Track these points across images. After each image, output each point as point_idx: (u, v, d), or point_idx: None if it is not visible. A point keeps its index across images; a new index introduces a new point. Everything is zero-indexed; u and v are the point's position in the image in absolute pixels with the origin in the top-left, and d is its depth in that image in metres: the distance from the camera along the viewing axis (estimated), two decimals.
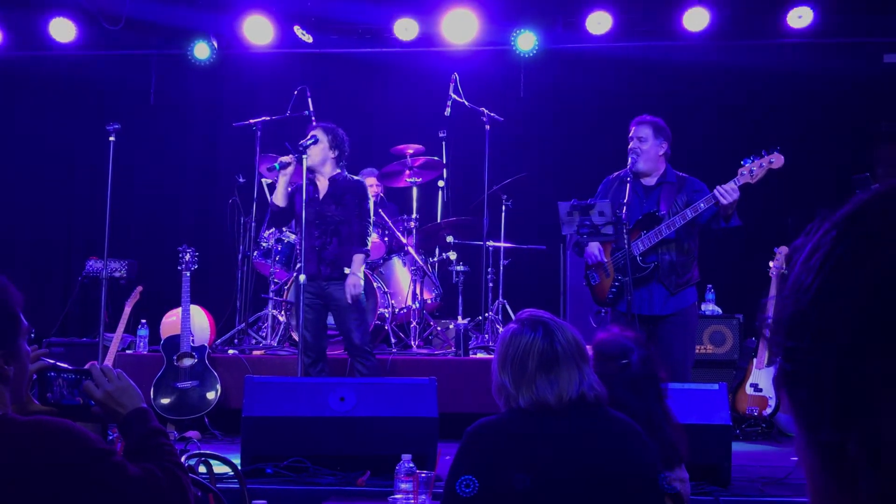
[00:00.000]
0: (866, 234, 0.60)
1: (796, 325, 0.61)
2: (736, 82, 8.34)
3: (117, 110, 8.23)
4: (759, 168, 4.88)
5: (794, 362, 0.62)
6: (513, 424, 2.29)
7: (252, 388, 4.53)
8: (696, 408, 4.33)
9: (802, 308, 0.61)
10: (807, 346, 0.60)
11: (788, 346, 0.62)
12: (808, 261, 0.62)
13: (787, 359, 0.62)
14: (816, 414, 0.60)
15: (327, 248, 5.77)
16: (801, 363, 0.61)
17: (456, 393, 5.71)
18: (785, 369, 0.63)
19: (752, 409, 6.29)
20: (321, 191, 5.86)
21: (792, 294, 0.62)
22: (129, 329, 6.72)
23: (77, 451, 1.80)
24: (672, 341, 5.08)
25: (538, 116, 8.53)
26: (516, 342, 2.31)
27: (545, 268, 7.84)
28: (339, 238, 5.80)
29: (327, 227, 5.80)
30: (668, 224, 4.98)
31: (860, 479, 0.57)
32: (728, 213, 4.88)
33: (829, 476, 0.61)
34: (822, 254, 0.61)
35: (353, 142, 8.73)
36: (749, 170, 4.88)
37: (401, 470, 3.27)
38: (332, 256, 5.76)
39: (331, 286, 5.75)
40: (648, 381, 2.74)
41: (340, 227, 5.81)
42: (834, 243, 0.61)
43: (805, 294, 0.61)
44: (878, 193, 0.62)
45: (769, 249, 6.52)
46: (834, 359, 0.58)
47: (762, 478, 4.50)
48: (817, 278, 0.61)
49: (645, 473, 2.27)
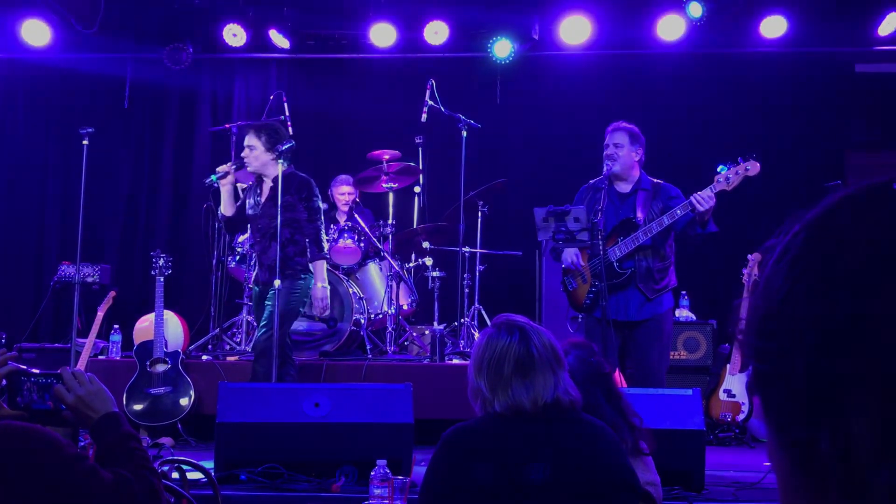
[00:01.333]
0: (835, 236, 0.61)
1: (767, 326, 0.62)
2: (711, 91, 8.42)
3: (91, 114, 8.17)
4: (734, 175, 4.93)
5: (765, 363, 0.62)
6: (488, 428, 2.29)
7: (226, 393, 4.51)
8: (669, 413, 4.36)
9: (772, 309, 0.62)
10: (777, 346, 0.61)
11: (759, 346, 0.63)
12: (778, 262, 0.63)
13: (759, 359, 0.63)
14: (787, 413, 0.61)
15: (267, 253, 5.64)
16: (771, 363, 0.62)
17: (431, 399, 5.70)
18: (756, 369, 0.64)
19: (725, 414, 6.33)
20: (264, 194, 5.78)
21: (763, 295, 0.63)
22: (102, 335, 6.66)
23: (47, 456, 1.78)
24: (647, 347, 5.12)
25: (515, 123, 8.56)
26: (492, 346, 2.31)
27: (521, 273, 7.86)
28: (278, 242, 5.69)
29: (267, 232, 5.67)
30: (645, 230, 5.03)
31: (831, 478, 0.58)
32: (704, 219, 4.93)
33: (801, 476, 0.61)
34: (791, 256, 0.62)
35: (328, 147, 8.77)
36: (725, 177, 4.93)
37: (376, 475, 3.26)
38: (270, 261, 5.60)
39: (269, 290, 5.56)
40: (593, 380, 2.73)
41: (281, 230, 5.65)
42: (803, 245, 0.62)
43: (775, 295, 0.62)
44: (846, 196, 0.63)
45: (742, 256, 6.58)
46: (803, 359, 0.59)
47: (735, 483, 4.53)
48: (787, 279, 0.62)
49: (619, 477, 2.28)
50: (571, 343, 2.81)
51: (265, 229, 5.67)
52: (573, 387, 2.34)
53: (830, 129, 8.27)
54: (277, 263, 5.44)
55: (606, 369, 2.81)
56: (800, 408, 0.59)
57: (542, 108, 8.59)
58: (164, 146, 8.83)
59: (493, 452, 2.24)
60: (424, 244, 7.17)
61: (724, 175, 4.94)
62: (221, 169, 5.69)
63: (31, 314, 8.07)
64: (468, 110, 7.03)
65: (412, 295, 7.13)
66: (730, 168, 4.96)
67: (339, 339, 6.63)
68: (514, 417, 2.26)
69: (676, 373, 6.74)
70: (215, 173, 5.68)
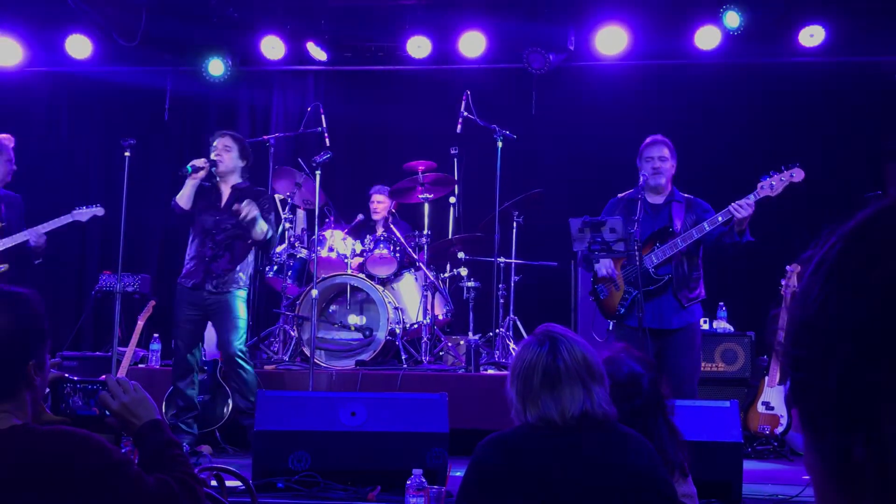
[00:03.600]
0: (870, 247, 0.62)
1: (803, 335, 0.64)
2: (748, 101, 8.36)
3: (132, 126, 8.30)
4: (779, 182, 4.94)
5: (802, 371, 0.64)
6: (524, 439, 2.29)
7: (263, 402, 4.55)
8: (707, 425, 4.33)
9: (809, 318, 0.63)
10: (813, 354, 0.62)
11: (796, 354, 0.64)
12: (815, 273, 0.65)
13: (795, 367, 0.64)
14: (823, 421, 0.62)
15: (217, 262, 5.74)
16: (807, 371, 0.63)
17: (466, 409, 5.71)
18: (793, 378, 0.65)
19: (763, 427, 6.27)
20: (223, 200, 5.86)
21: (799, 305, 0.65)
22: (142, 343, 6.76)
23: (97, 461, 1.83)
24: (680, 357, 5.11)
25: (550, 134, 8.56)
26: (523, 356, 2.31)
27: (556, 284, 7.84)
28: (232, 254, 5.76)
29: (222, 240, 5.77)
30: (685, 237, 5.05)
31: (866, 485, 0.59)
32: (742, 227, 4.92)
33: (836, 482, 0.62)
34: (827, 266, 0.64)
35: (365, 158, 8.83)
36: (769, 184, 4.94)
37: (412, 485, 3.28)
38: (220, 271, 5.72)
39: (213, 298, 5.72)
40: (654, 404, 2.73)
41: (234, 242, 5.76)
42: (839, 256, 0.63)
43: (812, 304, 0.63)
44: (883, 207, 0.64)
45: (781, 268, 6.51)
46: (838, 367, 0.60)
47: (773, 496, 4.49)
48: (823, 289, 0.63)
49: (657, 489, 2.28)
50: (644, 363, 2.77)
51: (220, 236, 5.77)
52: (607, 401, 2.31)
53: (869, 139, 8.17)
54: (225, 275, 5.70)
55: (667, 391, 2.80)
56: (835, 415, 0.61)
57: (578, 119, 8.58)
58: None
59: (527, 463, 2.24)
60: (459, 254, 7.19)
61: (767, 182, 4.96)
62: (198, 163, 5.80)
63: (73, 323, 8.20)
64: (503, 121, 7.05)
65: (447, 305, 7.15)
66: (773, 175, 4.97)
67: (375, 348, 6.67)
68: (548, 428, 2.26)
69: (714, 385, 6.68)
70: (191, 166, 5.76)
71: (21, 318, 1.90)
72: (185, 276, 5.81)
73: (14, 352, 1.88)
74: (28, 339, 1.91)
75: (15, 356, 1.88)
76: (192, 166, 5.74)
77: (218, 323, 5.78)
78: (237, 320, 5.71)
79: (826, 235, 0.66)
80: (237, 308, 5.74)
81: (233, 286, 5.73)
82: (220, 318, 5.72)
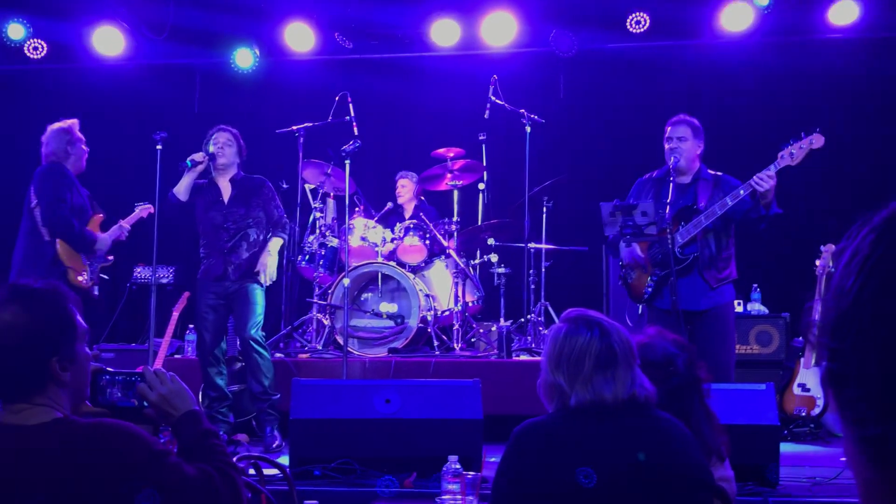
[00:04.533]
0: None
1: (839, 327, 0.63)
2: (778, 81, 8.25)
3: (162, 119, 8.36)
4: (798, 150, 4.84)
5: (838, 362, 0.63)
6: (563, 424, 2.29)
7: (298, 390, 4.59)
8: (743, 408, 4.31)
9: (844, 310, 0.63)
10: (849, 346, 0.62)
11: (833, 346, 0.64)
12: (849, 264, 0.64)
13: (832, 359, 0.64)
14: (861, 410, 0.62)
15: (236, 251, 5.86)
16: (844, 362, 0.63)
17: (499, 395, 5.72)
18: (830, 369, 0.65)
19: (799, 409, 6.22)
20: (225, 193, 5.96)
21: (834, 297, 0.64)
22: (177, 334, 6.83)
23: (138, 452, 1.86)
24: (714, 340, 5.05)
25: (578, 117, 8.52)
26: (571, 342, 2.31)
27: (587, 269, 7.81)
28: (248, 242, 5.89)
29: (237, 231, 5.88)
30: (708, 214, 4.97)
31: None
32: (767, 200, 4.84)
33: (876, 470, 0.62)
34: (861, 257, 0.63)
35: (393, 146, 8.84)
36: (789, 152, 4.85)
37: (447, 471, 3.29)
38: (239, 260, 5.84)
39: (235, 287, 5.83)
40: (691, 385, 2.72)
41: (249, 231, 5.90)
42: (873, 246, 0.63)
43: (846, 296, 0.63)
44: None
45: (815, 248, 6.45)
46: (876, 357, 0.60)
47: (811, 478, 4.45)
48: (857, 281, 0.63)
49: (694, 473, 2.27)
50: (678, 345, 2.77)
51: (234, 228, 5.88)
52: (647, 381, 2.33)
53: None
54: (245, 262, 5.81)
55: (704, 374, 2.79)
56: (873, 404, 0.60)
57: (606, 102, 8.53)
58: None
59: (569, 447, 2.24)
60: (489, 241, 7.19)
61: (787, 150, 4.86)
62: (197, 157, 5.90)
63: (109, 315, 8.30)
64: (531, 106, 7.03)
65: (478, 292, 7.15)
66: (793, 143, 4.87)
67: (407, 335, 6.70)
68: (591, 413, 2.26)
69: (749, 367, 6.64)
70: (190, 160, 5.85)
71: (39, 315, 1.90)
72: (205, 272, 5.90)
73: (33, 349, 1.90)
74: (48, 336, 1.92)
75: (35, 353, 1.90)
76: (192, 160, 5.86)
77: (237, 310, 5.86)
78: (255, 306, 5.81)
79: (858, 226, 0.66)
80: (256, 295, 5.84)
81: (253, 275, 5.82)
82: (238, 304, 5.83)
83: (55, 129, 5.81)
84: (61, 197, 5.57)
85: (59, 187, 5.59)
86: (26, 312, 1.89)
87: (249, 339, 5.76)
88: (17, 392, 1.90)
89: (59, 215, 5.56)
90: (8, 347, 1.88)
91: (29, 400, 1.89)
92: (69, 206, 5.62)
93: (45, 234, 5.60)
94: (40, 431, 1.86)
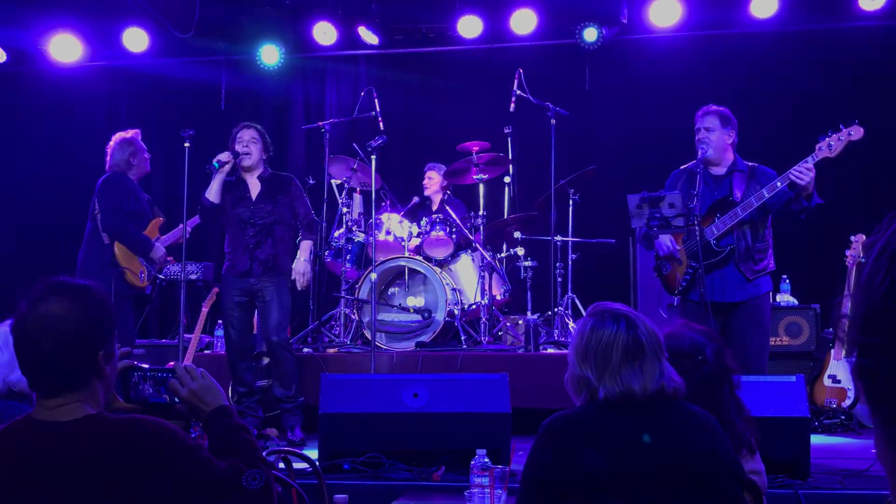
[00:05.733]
0: None
1: (870, 322, 0.63)
2: (807, 69, 8.16)
3: (189, 116, 8.42)
4: (837, 142, 4.78)
5: (869, 357, 0.63)
6: (592, 416, 2.29)
7: (327, 385, 4.61)
8: (773, 400, 4.27)
9: (874, 305, 0.62)
10: (880, 340, 0.62)
11: (863, 341, 0.63)
12: (879, 259, 0.64)
13: (863, 354, 0.64)
14: (893, 405, 0.61)
15: (261, 247, 5.86)
16: (875, 357, 0.62)
17: (526, 388, 5.71)
18: (861, 364, 0.64)
19: (830, 400, 6.17)
20: (253, 190, 5.95)
21: (864, 292, 0.64)
22: (207, 330, 6.88)
23: (170, 447, 1.88)
24: (747, 332, 5.01)
25: (604, 109, 8.48)
26: (598, 335, 2.31)
27: (614, 261, 7.78)
28: (273, 238, 5.87)
29: (262, 226, 5.88)
30: (744, 206, 4.92)
31: None
32: (808, 191, 4.79)
33: None
34: (891, 251, 0.63)
35: (419, 141, 8.84)
36: (827, 144, 4.78)
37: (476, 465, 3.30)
38: (264, 256, 5.84)
39: (259, 284, 5.83)
40: (721, 375, 2.72)
41: (275, 227, 5.89)
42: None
43: (876, 291, 0.63)
44: None
45: (845, 238, 6.38)
46: None
47: (842, 470, 4.41)
48: (887, 275, 0.62)
49: (724, 466, 2.27)
50: (706, 334, 2.77)
51: (260, 224, 5.87)
52: (675, 373, 2.33)
53: None
54: (269, 258, 5.82)
55: (734, 365, 2.78)
56: None
57: (632, 93, 8.48)
58: None
59: (599, 440, 2.24)
60: (516, 234, 7.18)
61: (826, 142, 4.79)
62: (223, 157, 5.90)
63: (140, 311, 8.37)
64: (557, 98, 7.00)
65: (505, 285, 7.15)
66: (831, 135, 4.80)
67: (435, 329, 6.71)
68: (620, 405, 2.26)
69: (779, 359, 6.58)
70: (217, 161, 5.87)
71: (89, 309, 1.95)
72: (230, 268, 5.92)
73: (85, 342, 1.93)
74: (97, 330, 1.96)
75: (86, 347, 1.94)
76: (218, 161, 5.86)
77: (262, 311, 5.89)
78: (280, 308, 5.81)
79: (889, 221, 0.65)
80: (281, 295, 5.83)
81: (278, 272, 5.83)
82: (263, 305, 5.84)
83: (118, 140, 6.18)
84: (118, 205, 5.96)
85: (117, 196, 5.99)
86: (78, 306, 1.93)
87: (274, 343, 5.80)
88: (63, 385, 1.92)
89: (117, 223, 5.94)
90: (62, 339, 1.91)
91: (69, 395, 1.92)
92: (126, 213, 5.99)
93: (105, 238, 5.96)
94: (74, 427, 1.88)
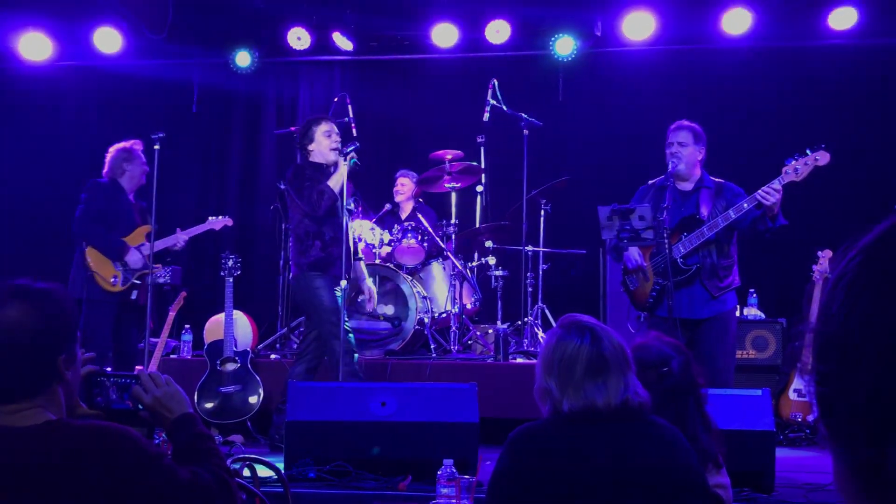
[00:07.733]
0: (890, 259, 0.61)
1: (827, 350, 0.63)
2: (778, 85, 8.25)
3: (161, 118, 8.35)
4: (804, 166, 4.84)
5: (828, 385, 0.63)
6: (556, 430, 2.29)
7: (295, 392, 4.58)
8: (738, 414, 4.30)
9: (832, 333, 0.62)
10: (838, 368, 0.61)
11: (821, 369, 0.63)
12: (835, 287, 0.64)
13: (821, 382, 0.64)
14: (851, 435, 0.61)
15: (287, 249, 5.89)
16: (833, 386, 0.62)
17: (496, 398, 5.71)
18: (819, 392, 0.64)
19: (795, 414, 6.22)
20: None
21: (822, 320, 0.64)
22: (174, 334, 6.82)
23: (131, 454, 1.85)
24: (714, 347, 5.06)
25: (577, 121, 8.52)
26: (562, 348, 2.30)
27: (585, 272, 7.81)
28: (293, 238, 5.85)
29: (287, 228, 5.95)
30: (710, 225, 4.97)
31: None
32: (773, 212, 4.85)
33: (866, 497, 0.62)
34: (847, 280, 0.63)
35: (392, 148, 8.83)
36: (794, 168, 4.85)
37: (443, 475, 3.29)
38: (289, 255, 5.88)
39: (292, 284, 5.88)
40: (687, 388, 2.73)
41: (289, 228, 5.94)
42: (859, 269, 0.62)
43: (833, 320, 0.62)
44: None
45: (812, 253, 6.45)
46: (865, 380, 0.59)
47: (806, 484, 4.45)
48: (844, 303, 0.62)
49: (688, 480, 2.27)
50: (675, 347, 2.78)
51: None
52: (641, 388, 2.32)
53: None
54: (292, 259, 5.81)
55: (701, 379, 2.79)
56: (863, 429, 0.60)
57: (605, 106, 8.53)
58: (232, 149, 9.02)
59: (563, 453, 2.24)
60: (487, 243, 7.19)
61: (792, 166, 4.86)
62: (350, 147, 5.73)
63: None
64: (530, 109, 7.02)
65: (475, 294, 7.15)
66: (798, 159, 4.87)
67: (404, 338, 6.69)
68: (584, 419, 2.26)
69: (745, 372, 6.63)
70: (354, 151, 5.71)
71: (48, 313, 1.89)
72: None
73: (43, 347, 1.88)
74: (56, 334, 1.91)
75: (44, 352, 1.88)
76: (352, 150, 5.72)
77: None
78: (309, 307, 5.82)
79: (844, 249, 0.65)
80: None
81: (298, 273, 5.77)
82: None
83: (117, 148, 6.34)
84: (89, 208, 6.04)
85: (93, 200, 6.08)
86: (35, 310, 1.87)
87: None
88: (21, 391, 1.87)
89: (82, 225, 6.04)
90: (18, 346, 1.85)
91: (27, 400, 1.87)
92: (98, 216, 6.04)
93: (84, 242, 6.08)
94: (33, 434, 1.84)
